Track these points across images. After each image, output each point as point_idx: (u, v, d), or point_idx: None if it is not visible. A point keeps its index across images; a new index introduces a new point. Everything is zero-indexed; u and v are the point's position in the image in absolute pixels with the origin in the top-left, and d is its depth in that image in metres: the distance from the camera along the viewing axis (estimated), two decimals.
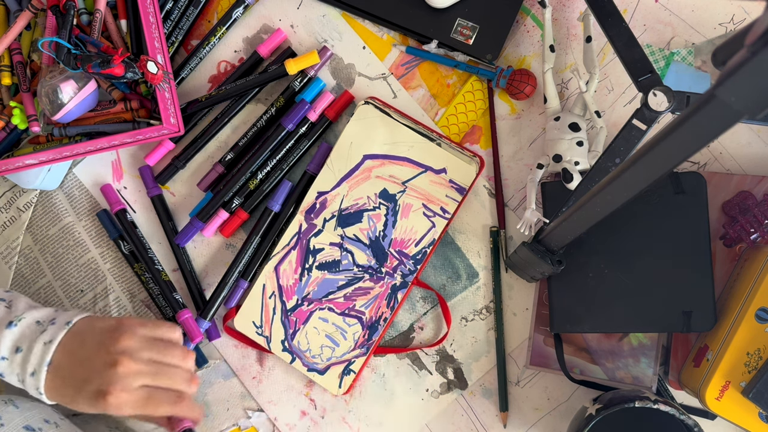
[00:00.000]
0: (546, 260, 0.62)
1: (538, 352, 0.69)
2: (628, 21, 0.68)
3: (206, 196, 0.73)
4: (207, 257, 0.73)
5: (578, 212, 0.55)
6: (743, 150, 0.68)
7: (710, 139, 0.41)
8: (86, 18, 0.70)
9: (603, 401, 0.61)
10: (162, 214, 0.73)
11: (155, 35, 0.68)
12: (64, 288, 0.74)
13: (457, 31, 0.70)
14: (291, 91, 0.72)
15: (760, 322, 0.61)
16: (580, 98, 0.66)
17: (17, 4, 0.71)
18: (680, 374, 0.68)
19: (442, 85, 0.72)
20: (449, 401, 0.71)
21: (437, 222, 0.70)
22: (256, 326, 0.70)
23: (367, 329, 0.70)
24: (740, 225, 0.66)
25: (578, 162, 0.65)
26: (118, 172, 0.75)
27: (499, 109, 0.71)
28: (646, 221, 0.64)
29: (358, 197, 0.70)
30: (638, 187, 0.49)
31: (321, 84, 0.72)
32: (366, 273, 0.70)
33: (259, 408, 0.72)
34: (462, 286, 0.71)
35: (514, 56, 0.71)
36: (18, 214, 0.74)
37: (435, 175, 0.70)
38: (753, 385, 0.60)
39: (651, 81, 0.60)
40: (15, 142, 0.72)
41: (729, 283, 0.67)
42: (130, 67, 0.64)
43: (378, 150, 0.70)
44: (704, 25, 0.69)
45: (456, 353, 0.71)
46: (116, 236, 0.73)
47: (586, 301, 0.65)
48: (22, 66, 0.70)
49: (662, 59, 0.69)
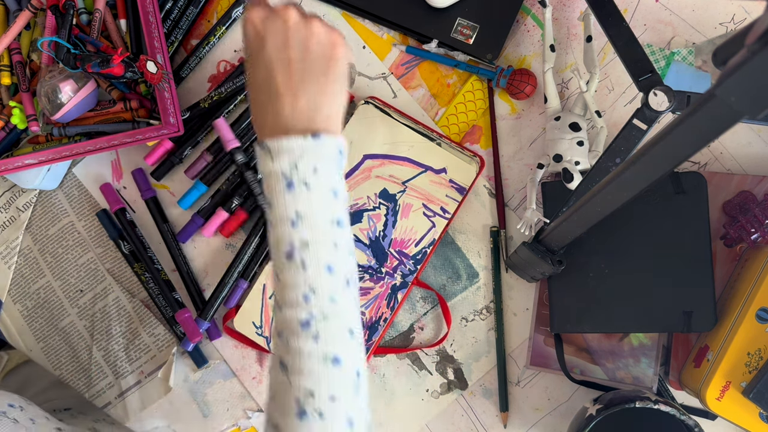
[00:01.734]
0: (546, 260, 0.61)
1: (538, 352, 0.69)
2: (629, 21, 0.68)
3: (195, 184, 0.73)
4: (207, 257, 0.73)
5: (578, 212, 0.55)
6: (744, 150, 0.68)
7: (711, 138, 0.41)
8: (86, 18, 0.70)
9: (603, 401, 0.61)
10: (157, 216, 0.73)
11: (155, 35, 0.68)
12: (64, 288, 0.74)
13: (457, 31, 0.70)
14: None
15: (760, 322, 0.61)
16: (580, 98, 0.66)
17: (17, 4, 0.71)
18: (681, 374, 0.68)
19: (442, 84, 0.72)
20: (449, 401, 0.71)
21: (437, 222, 0.69)
22: (256, 326, 0.70)
23: (367, 329, 0.70)
24: (741, 225, 0.65)
25: (579, 162, 0.65)
26: (118, 171, 0.74)
27: (500, 108, 0.71)
28: (646, 221, 0.64)
29: (358, 197, 0.70)
30: (638, 187, 0.49)
31: None
32: (366, 273, 0.70)
33: (259, 408, 0.72)
34: (462, 286, 0.71)
35: (514, 56, 0.71)
36: (17, 213, 0.74)
37: (435, 175, 0.70)
38: (753, 386, 0.60)
39: (651, 81, 0.59)
40: (14, 141, 0.72)
41: (729, 283, 0.67)
42: (129, 67, 0.64)
43: (378, 150, 0.70)
44: (705, 24, 0.69)
45: (456, 353, 0.71)
46: (116, 236, 0.73)
47: (586, 301, 0.64)
48: (21, 66, 0.69)
49: (663, 59, 0.69)
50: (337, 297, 0.45)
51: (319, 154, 0.46)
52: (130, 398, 0.73)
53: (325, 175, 0.46)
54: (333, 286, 0.45)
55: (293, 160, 0.46)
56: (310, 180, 0.46)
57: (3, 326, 0.75)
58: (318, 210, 0.46)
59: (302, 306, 0.45)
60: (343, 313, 0.46)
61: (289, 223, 0.45)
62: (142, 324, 0.73)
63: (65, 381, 0.74)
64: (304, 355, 0.44)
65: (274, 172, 0.46)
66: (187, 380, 0.73)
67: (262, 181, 0.48)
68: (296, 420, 0.43)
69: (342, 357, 0.45)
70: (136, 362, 0.73)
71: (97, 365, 0.73)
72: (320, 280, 0.45)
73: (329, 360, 0.44)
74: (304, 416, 0.43)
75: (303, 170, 0.46)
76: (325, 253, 0.45)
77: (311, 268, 0.45)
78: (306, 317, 0.44)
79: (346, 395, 0.44)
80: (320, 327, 0.44)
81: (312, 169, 0.46)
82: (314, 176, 0.46)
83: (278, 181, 0.46)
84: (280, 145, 0.46)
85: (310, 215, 0.46)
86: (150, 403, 0.73)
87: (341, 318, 0.45)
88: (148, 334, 0.73)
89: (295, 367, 0.44)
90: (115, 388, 0.73)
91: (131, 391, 0.73)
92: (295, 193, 0.45)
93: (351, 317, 0.46)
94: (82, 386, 0.73)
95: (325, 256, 0.45)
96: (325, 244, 0.46)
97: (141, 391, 0.73)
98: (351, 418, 0.44)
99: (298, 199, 0.45)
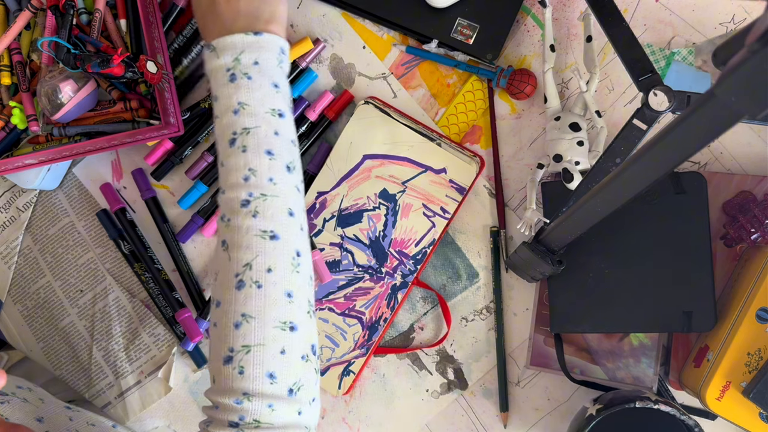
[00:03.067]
0: (546, 260, 0.61)
1: (538, 352, 0.69)
2: (629, 20, 0.68)
3: (195, 184, 0.73)
4: (207, 257, 0.73)
5: (578, 212, 0.55)
6: (744, 150, 0.68)
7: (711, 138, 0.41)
8: (86, 18, 0.70)
9: (603, 401, 0.61)
10: (157, 216, 0.73)
11: (155, 35, 0.68)
12: (64, 288, 0.74)
13: (457, 31, 0.70)
14: None
15: (760, 322, 0.61)
16: (580, 98, 0.66)
17: (17, 4, 0.71)
18: (681, 374, 0.68)
19: (442, 84, 0.72)
20: (449, 401, 0.71)
21: (437, 222, 0.69)
22: None
23: (367, 329, 0.70)
24: (741, 225, 0.65)
25: (579, 162, 0.65)
26: (118, 171, 0.74)
27: (500, 108, 0.71)
28: (646, 221, 0.64)
29: (358, 197, 0.70)
30: (638, 187, 0.49)
31: (313, 75, 0.72)
32: (366, 273, 0.70)
33: None
34: (462, 286, 0.71)
35: (514, 56, 0.71)
36: (17, 214, 0.74)
37: (435, 175, 0.70)
38: (753, 386, 0.60)
39: (651, 81, 0.59)
40: (14, 141, 0.72)
41: (729, 283, 0.67)
42: (129, 67, 0.64)
43: (378, 150, 0.70)
44: (705, 24, 0.69)
45: (456, 353, 0.71)
46: (116, 236, 0.73)
47: (586, 301, 0.64)
48: (21, 66, 0.69)
49: (663, 59, 0.69)
50: (276, 179, 0.48)
51: (260, 48, 0.50)
52: (130, 398, 0.73)
53: (266, 68, 0.50)
54: (273, 169, 0.48)
55: (235, 55, 0.49)
56: (252, 72, 0.49)
57: (3, 326, 0.75)
58: (259, 100, 0.49)
59: (242, 186, 0.47)
60: (282, 195, 0.48)
61: (231, 112, 0.49)
62: (142, 324, 0.73)
63: (65, 381, 0.74)
64: (242, 231, 0.47)
65: (219, 66, 0.50)
66: (187, 380, 0.73)
67: (209, 79, 0.51)
68: (235, 292, 0.45)
69: (280, 234, 0.47)
70: (136, 362, 0.73)
71: (97, 365, 0.73)
72: (259, 161, 0.48)
73: (267, 235, 0.46)
74: (242, 286, 0.45)
75: (245, 62, 0.49)
76: (264, 139, 0.48)
77: (251, 152, 0.48)
78: (245, 197, 0.47)
79: (284, 269, 0.46)
80: (259, 204, 0.47)
81: (253, 61, 0.50)
82: (255, 68, 0.49)
83: (222, 75, 0.50)
84: (224, 42, 0.50)
85: (251, 104, 0.49)
86: (150, 403, 0.73)
87: (281, 199, 0.48)
88: (148, 334, 0.73)
89: (234, 243, 0.47)
90: (115, 388, 0.73)
91: (131, 391, 0.73)
92: (237, 84, 0.49)
93: (292, 200, 0.49)
94: (82, 386, 0.73)
95: (265, 142, 0.48)
96: (265, 132, 0.49)
97: (141, 391, 0.73)
98: (290, 291, 0.46)
99: (240, 90, 0.49)
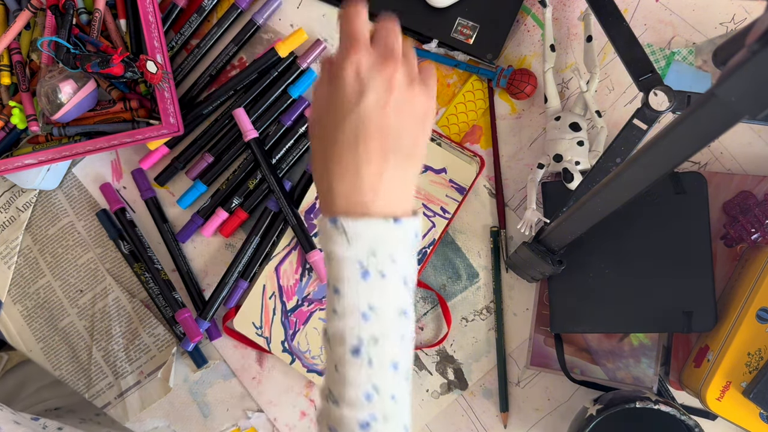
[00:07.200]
0: (546, 260, 0.61)
1: (538, 352, 0.69)
2: (629, 20, 0.68)
3: (195, 184, 0.73)
4: (206, 257, 0.73)
5: (579, 212, 0.55)
6: (744, 150, 0.68)
7: (711, 138, 0.41)
8: (85, 17, 0.70)
9: (604, 402, 0.61)
10: (157, 216, 0.72)
11: (155, 35, 0.68)
12: (64, 288, 0.74)
13: (457, 31, 0.70)
14: (278, 77, 0.71)
15: (761, 322, 0.61)
16: (580, 98, 0.66)
17: (16, 4, 0.71)
18: (681, 374, 0.67)
19: (443, 84, 0.72)
20: (449, 402, 0.71)
21: (437, 222, 0.69)
22: (256, 327, 0.70)
23: None
24: (741, 225, 0.65)
25: (579, 162, 0.65)
26: (118, 171, 0.74)
27: (500, 108, 0.71)
28: (646, 221, 0.64)
29: None
30: (638, 187, 0.49)
31: (314, 75, 0.71)
32: None
33: (259, 408, 0.72)
34: (462, 286, 0.71)
35: (514, 56, 0.71)
36: (17, 214, 0.74)
37: (435, 175, 0.69)
38: (754, 386, 0.60)
39: (652, 80, 0.59)
40: (14, 141, 0.72)
41: (730, 283, 0.67)
42: (129, 67, 0.64)
43: None
44: (705, 24, 0.69)
45: (456, 353, 0.71)
46: (116, 236, 0.73)
47: (586, 301, 0.64)
48: (21, 65, 0.69)
49: (663, 59, 0.69)
50: (398, 395, 0.43)
51: (398, 240, 0.42)
52: (130, 398, 0.73)
53: (401, 264, 0.42)
54: (396, 383, 0.42)
55: (372, 247, 0.41)
56: (387, 269, 0.41)
57: (3, 326, 0.75)
58: (390, 301, 0.42)
59: (364, 406, 0.41)
60: (401, 412, 0.43)
61: (360, 316, 0.41)
62: (142, 324, 0.73)
63: (65, 381, 0.74)
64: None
65: (349, 258, 0.41)
66: (187, 380, 0.73)
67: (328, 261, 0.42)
68: None
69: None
70: (135, 362, 0.73)
71: (96, 365, 0.73)
72: (385, 378, 0.42)
73: None
74: None
75: (381, 259, 0.41)
76: (391, 349, 0.42)
77: (377, 366, 0.42)
78: (367, 419, 0.42)
79: None
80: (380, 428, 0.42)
81: (390, 257, 0.41)
82: (391, 265, 0.42)
83: (352, 269, 0.41)
84: (358, 228, 0.41)
85: (382, 307, 0.42)
86: (150, 403, 0.73)
87: (400, 417, 0.43)
88: (148, 334, 0.73)
89: None
90: (114, 388, 0.73)
91: (131, 392, 0.73)
92: (369, 283, 0.41)
93: (407, 413, 0.44)
94: (81, 386, 0.73)
95: (391, 352, 0.42)
96: (392, 339, 0.42)
97: (141, 392, 0.73)
98: None
99: (373, 291, 0.41)
